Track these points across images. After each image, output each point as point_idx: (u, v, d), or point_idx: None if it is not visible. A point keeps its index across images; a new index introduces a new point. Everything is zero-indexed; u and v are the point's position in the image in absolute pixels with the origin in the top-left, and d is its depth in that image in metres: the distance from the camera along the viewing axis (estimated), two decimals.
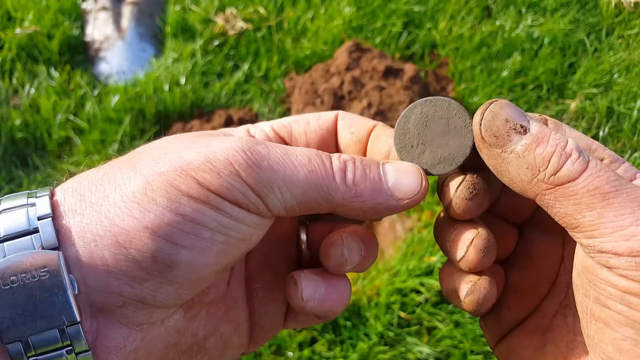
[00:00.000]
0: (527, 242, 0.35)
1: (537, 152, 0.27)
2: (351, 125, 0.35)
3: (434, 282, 1.33)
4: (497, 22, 2.08)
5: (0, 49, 1.86)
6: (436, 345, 1.26)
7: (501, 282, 0.36)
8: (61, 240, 0.26)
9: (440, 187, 0.33)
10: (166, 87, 1.78)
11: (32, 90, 1.76)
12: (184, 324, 0.30)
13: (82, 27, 2.01)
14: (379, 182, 0.30)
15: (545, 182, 0.27)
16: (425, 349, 1.24)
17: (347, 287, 0.33)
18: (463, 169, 0.32)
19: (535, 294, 0.34)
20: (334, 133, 0.35)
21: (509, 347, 0.34)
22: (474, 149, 0.31)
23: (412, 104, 0.33)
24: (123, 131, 1.65)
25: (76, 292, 0.25)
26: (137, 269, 0.26)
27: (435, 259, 1.38)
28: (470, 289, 0.31)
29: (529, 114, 0.30)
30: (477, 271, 0.31)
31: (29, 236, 0.25)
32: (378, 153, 0.33)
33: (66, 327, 0.25)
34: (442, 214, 0.34)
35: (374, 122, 0.35)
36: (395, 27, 2.03)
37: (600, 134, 1.71)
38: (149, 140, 1.78)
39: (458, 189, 0.31)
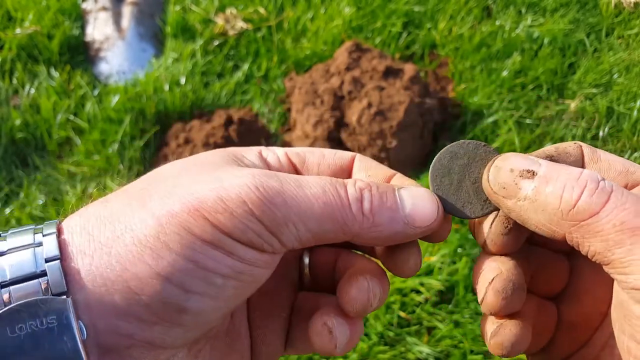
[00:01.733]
0: (578, 273, 0.33)
1: (547, 190, 0.26)
2: (369, 169, 0.34)
3: (433, 282, 1.33)
4: (497, 22, 2.08)
5: (1, 49, 1.87)
6: (436, 345, 1.26)
7: (552, 321, 0.33)
8: (69, 284, 0.25)
9: (473, 224, 0.32)
10: (166, 87, 1.78)
11: (32, 90, 1.76)
12: None
13: (83, 27, 2.01)
14: (396, 210, 0.29)
15: (565, 220, 0.26)
16: (425, 349, 1.24)
17: (362, 328, 0.32)
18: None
19: (587, 327, 0.32)
20: (347, 172, 0.35)
21: None
22: None
23: (444, 149, 0.32)
24: (123, 131, 1.66)
25: (84, 337, 0.25)
26: (148, 314, 0.25)
27: (435, 258, 1.38)
28: (494, 330, 0.29)
29: (539, 158, 0.28)
30: (501, 315, 0.29)
31: (37, 280, 0.25)
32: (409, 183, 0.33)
33: None
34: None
35: (392, 171, 0.34)
36: (395, 27, 2.04)
37: (600, 134, 1.72)
38: (149, 140, 1.78)
39: (492, 224, 0.30)
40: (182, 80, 1.82)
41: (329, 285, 0.36)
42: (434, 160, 0.32)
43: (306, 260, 0.36)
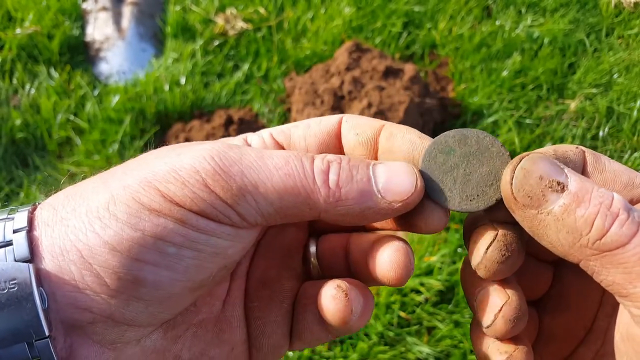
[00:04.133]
0: (563, 283, 0.32)
1: (578, 213, 0.24)
2: (356, 126, 0.32)
3: (433, 282, 1.33)
4: (497, 22, 2.08)
5: (1, 49, 1.87)
6: (436, 345, 1.26)
7: (534, 329, 0.33)
8: (33, 254, 0.25)
9: (467, 239, 0.30)
10: (166, 87, 1.78)
11: (33, 91, 1.76)
12: (164, 345, 0.28)
13: (83, 27, 2.01)
14: (367, 184, 0.27)
15: (590, 248, 0.24)
16: (425, 349, 1.24)
17: (373, 300, 0.31)
18: (493, 215, 0.29)
19: (569, 340, 0.31)
20: (337, 136, 0.32)
21: None
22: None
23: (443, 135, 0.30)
24: (123, 131, 1.66)
25: (46, 305, 0.24)
26: (102, 285, 0.25)
27: (435, 258, 1.38)
28: None
29: (565, 166, 0.26)
30: (506, 339, 0.28)
31: (3, 249, 0.25)
32: (398, 151, 0.30)
33: (35, 341, 0.24)
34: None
35: (381, 121, 0.32)
36: (395, 28, 2.04)
37: (600, 134, 1.72)
38: (149, 140, 1.78)
39: (489, 250, 0.28)
40: (182, 80, 1.82)
41: (341, 271, 0.34)
42: (441, 135, 0.29)
43: (312, 249, 0.34)
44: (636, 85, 1.84)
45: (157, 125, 1.71)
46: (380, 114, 1.59)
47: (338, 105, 1.67)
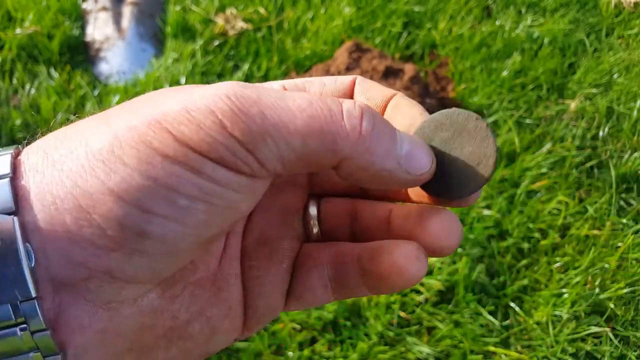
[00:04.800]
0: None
1: None
2: (368, 90, 0.31)
3: (433, 282, 1.33)
4: (497, 22, 2.08)
5: (1, 49, 1.87)
6: (436, 345, 1.26)
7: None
8: (19, 204, 0.22)
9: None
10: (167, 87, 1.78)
11: (33, 90, 1.76)
12: (162, 305, 0.26)
13: (83, 28, 2.01)
14: (394, 144, 0.26)
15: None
16: (425, 349, 1.24)
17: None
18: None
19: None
20: (349, 96, 0.32)
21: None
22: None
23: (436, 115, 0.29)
24: None
25: (33, 263, 0.21)
26: (103, 237, 0.22)
27: (435, 258, 1.39)
28: None
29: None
30: None
31: None
32: (399, 123, 0.29)
33: (20, 302, 0.21)
34: None
35: (392, 90, 0.31)
36: (395, 28, 2.04)
37: (600, 134, 1.72)
38: None
39: None
40: (183, 80, 1.82)
41: (344, 236, 0.33)
42: (416, 129, 0.29)
43: (313, 211, 0.33)
44: (636, 85, 1.84)
45: None
46: None
47: None
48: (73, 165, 0.22)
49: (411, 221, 0.29)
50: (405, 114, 0.30)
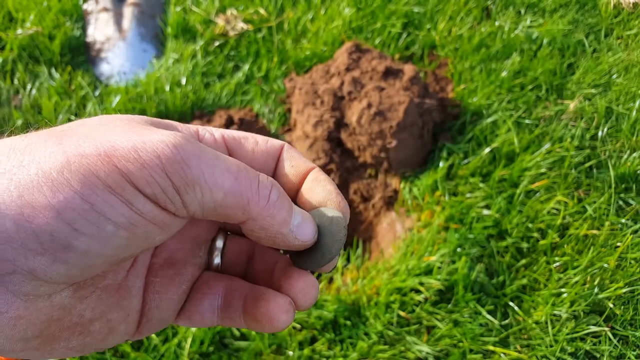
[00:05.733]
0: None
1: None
2: (293, 158, 0.37)
3: (433, 282, 1.34)
4: (497, 23, 2.09)
5: (2, 49, 1.87)
6: (435, 344, 1.26)
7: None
8: None
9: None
10: (167, 88, 1.79)
11: (34, 91, 1.77)
12: (71, 303, 0.30)
13: (84, 28, 2.02)
14: (289, 215, 0.32)
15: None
16: (425, 348, 1.24)
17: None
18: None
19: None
20: (275, 159, 0.37)
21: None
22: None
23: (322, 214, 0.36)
24: None
25: None
26: (34, 243, 0.26)
27: (435, 258, 1.39)
28: None
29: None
30: None
31: None
32: (317, 194, 0.36)
33: None
34: None
35: (313, 164, 0.37)
36: (394, 28, 2.04)
37: (599, 134, 1.72)
38: None
39: None
40: (183, 81, 1.83)
41: (238, 272, 0.39)
42: (312, 211, 0.36)
43: (219, 243, 0.38)
44: (635, 86, 1.85)
45: None
46: (380, 114, 1.60)
47: (338, 105, 1.68)
48: (23, 179, 0.26)
49: (285, 277, 0.35)
50: (323, 189, 0.36)
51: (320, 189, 0.36)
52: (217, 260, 0.38)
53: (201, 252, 0.38)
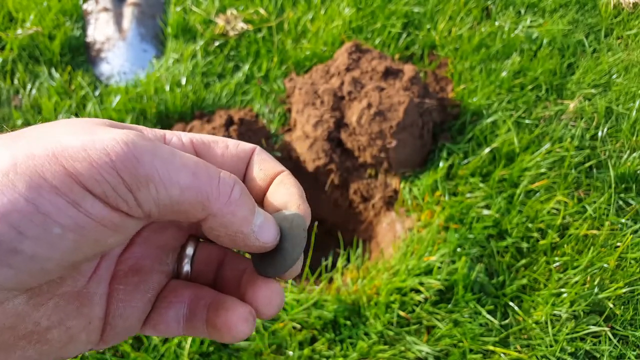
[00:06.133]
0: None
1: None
2: (263, 162, 0.36)
3: (433, 282, 1.34)
4: (496, 23, 2.09)
5: (2, 49, 1.87)
6: (435, 344, 1.26)
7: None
8: None
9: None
10: (167, 88, 1.79)
11: (34, 91, 1.77)
12: (26, 310, 0.29)
13: (84, 28, 2.02)
14: (252, 214, 0.31)
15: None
16: (425, 348, 1.24)
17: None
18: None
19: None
20: (244, 163, 0.36)
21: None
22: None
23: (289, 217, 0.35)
24: None
25: None
26: None
27: (435, 258, 1.39)
28: None
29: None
30: None
31: None
32: (280, 197, 0.35)
33: None
34: None
35: (282, 168, 0.36)
36: (394, 28, 2.04)
37: (599, 134, 1.72)
38: None
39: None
40: (183, 81, 1.83)
41: (207, 281, 0.37)
42: (275, 213, 0.35)
43: (189, 251, 0.37)
44: (635, 86, 1.85)
45: (158, 126, 1.71)
46: (380, 114, 1.60)
47: (338, 105, 1.68)
48: None
49: (250, 285, 0.34)
50: (287, 191, 0.35)
51: (283, 192, 0.35)
52: (186, 267, 0.36)
53: (168, 259, 0.37)
